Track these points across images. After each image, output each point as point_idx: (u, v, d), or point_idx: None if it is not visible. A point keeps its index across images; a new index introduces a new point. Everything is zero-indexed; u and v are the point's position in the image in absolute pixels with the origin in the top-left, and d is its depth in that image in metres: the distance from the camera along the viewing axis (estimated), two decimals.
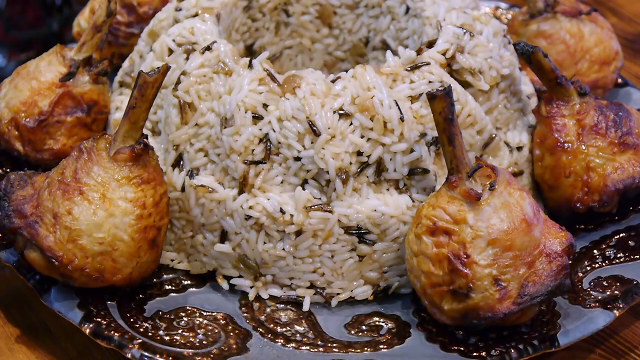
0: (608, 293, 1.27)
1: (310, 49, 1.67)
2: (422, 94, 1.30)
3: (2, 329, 1.32)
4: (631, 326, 1.32)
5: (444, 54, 1.35)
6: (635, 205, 1.44)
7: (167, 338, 1.21)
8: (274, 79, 1.29)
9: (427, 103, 1.25)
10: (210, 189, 1.31)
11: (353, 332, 1.26)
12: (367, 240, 1.29)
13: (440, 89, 1.23)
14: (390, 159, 1.28)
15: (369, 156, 1.27)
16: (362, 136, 1.27)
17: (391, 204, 1.28)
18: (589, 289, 1.29)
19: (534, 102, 1.53)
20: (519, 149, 1.44)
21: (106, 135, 1.27)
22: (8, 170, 1.52)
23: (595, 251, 1.37)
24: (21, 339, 1.30)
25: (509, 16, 1.91)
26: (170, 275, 1.35)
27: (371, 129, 1.27)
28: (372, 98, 1.27)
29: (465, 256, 1.15)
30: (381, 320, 1.28)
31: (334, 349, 1.22)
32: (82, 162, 1.24)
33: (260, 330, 1.25)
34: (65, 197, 1.22)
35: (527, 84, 1.57)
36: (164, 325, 1.24)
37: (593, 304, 1.25)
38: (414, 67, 1.33)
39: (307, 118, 1.26)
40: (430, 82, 1.32)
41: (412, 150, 1.28)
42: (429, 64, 1.33)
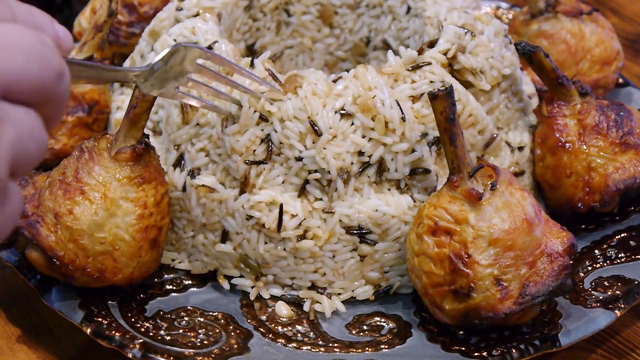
0: (609, 293, 1.27)
1: (311, 49, 1.67)
2: (424, 93, 1.30)
3: (3, 328, 1.32)
4: (632, 326, 1.32)
5: (445, 54, 1.35)
6: (637, 205, 1.44)
7: (168, 338, 1.21)
8: (275, 78, 1.29)
9: (429, 103, 1.25)
10: (211, 189, 1.31)
11: (354, 332, 1.26)
12: (368, 240, 1.29)
13: (441, 88, 1.23)
14: (392, 159, 1.28)
15: (370, 156, 1.27)
16: (364, 136, 1.27)
17: (392, 204, 1.28)
18: (590, 289, 1.28)
19: (535, 102, 1.53)
20: (520, 149, 1.44)
21: (107, 135, 1.27)
22: None
23: (596, 251, 1.37)
24: (22, 338, 1.30)
25: (510, 16, 1.91)
26: (171, 275, 1.35)
27: (372, 129, 1.27)
28: (374, 98, 1.26)
29: (466, 256, 1.15)
30: (382, 320, 1.28)
31: (335, 349, 1.22)
32: (83, 162, 1.24)
33: (261, 330, 1.25)
34: (67, 197, 1.22)
35: (528, 84, 1.57)
36: (165, 325, 1.24)
37: (594, 304, 1.25)
38: (415, 67, 1.33)
39: (309, 118, 1.26)
40: (431, 82, 1.32)
41: (414, 150, 1.28)
42: (430, 63, 1.33)
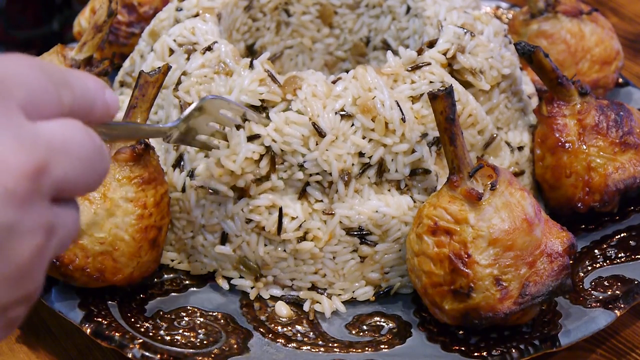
0: (609, 293, 1.27)
1: (311, 49, 1.67)
2: (423, 94, 1.30)
3: None
4: (632, 326, 1.32)
5: (444, 54, 1.35)
6: (637, 205, 1.44)
7: (168, 338, 1.21)
8: (274, 79, 1.29)
9: (428, 103, 1.25)
10: (210, 191, 1.31)
11: (354, 332, 1.26)
12: (369, 241, 1.29)
13: (441, 89, 1.23)
14: (392, 160, 1.28)
15: (370, 157, 1.27)
16: (364, 137, 1.27)
17: (392, 204, 1.28)
18: (590, 289, 1.28)
19: (534, 102, 1.53)
20: (520, 148, 1.44)
21: None
22: None
23: (596, 251, 1.37)
24: (22, 338, 1.30)
25: (510, 16, 1.91)
26: (171, 275, 1.35)
27: (372, 130, 1.26)
28: (374, 99, 1.26)
29: (466, 256, 1.15)
30: (382, 320, 1.28)
31: (335, 349, 1.22)
32: None
33: (261, 330, 1.25)
34: None
35: (528, 84, 1.57)
36: (165, 325, 1.24)
37: (594, 304, 1.25)
38: (415, 67, 1.33)
39: (310, 119, 1.26)
40: (431, 82, 1.31)
41: (414, 151, 1.28)
42: (429, 64, 1.33)
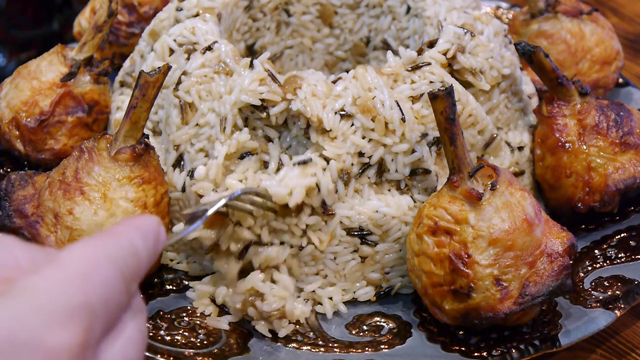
0: (609, 293, 1.27)
1: (311, 49, 1.67)
2: (423, 94, 1.30)
3: None
4: (632, 326, 1.32)
5: (445, 54, 1.35)
6: (637, 205, 1.44)
7: (168, 338, 1.21)
8: (274, 79, 1.29)
9: (428, 103, 1.25)
10: None
11: (354, 332, 1.26)
12: (369, 242, 1.29)
13: (441, 89, 1.23)
14: (392, 160, 1.28)
15: (370, 157, 1.27)
16: (364, 137, 1.27)
17: (393, 204, 1.28)
18: (590, 289, 1.28)
19: (534, 102, 1.53)
20: (520, 148, 1.44)
21: (107, 135, 1.27)
22: (9, 170, 1.51)
23: (596, 251, 1.37)
24: None
25: (510, 16, 1.91)
26: (171, 275, 1.35)
27: (372, 130, 1.26)
28: (374, 99, 1.26)
29: (466, 256, 1.15)
30: (382, 320, 1.28)
31: (335, 349, 1.21)
32: (83, 162, 1.24)
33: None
34: (66, 197, 1.22)
35: (528, 84, 1.57)
36: (165, 325, 1.24)
37: (594, 304, 1.25)
38: (415, 67, 1.33)
39: (309, 119, 1.26)
40: (431, 82, 1.31)
41: (414, 151, 1.28)
42: (430, 64, 1.33)
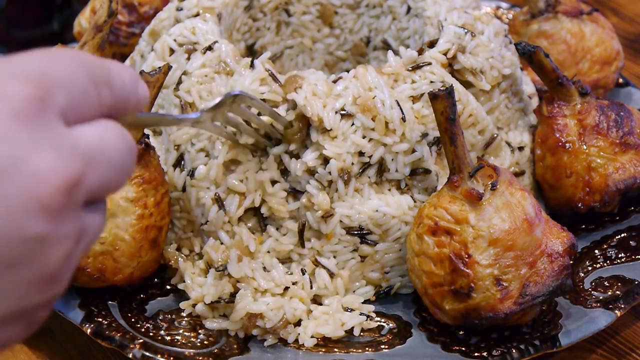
0: (609, 293, 1.27)
1: (311, 49, 1.67)
2: (424, 94, 1.30)
3: None
4: (632, 326, 1.32)
5: (445, 54, 1.35)
6: (637, 205, 1.44)
7: (169, 338, 1.21)
8: (275, 79, 1.29)
9: (429, 103, 1.25)
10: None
11: (354, 332, 1.26)
12: (369, 241, 1.29)
13: (442, 89, 1.23)
14: (392, 159, 1.28)
15: (370, 156, 1.27)
16: (364, 136, 1.27)
17: (393, 204, 1.28)
18: (590, 289, 1.28)
19: (535, 102, 1.53)
20: (521, 149, 1.44)
21: None
22: None
23: (596, 251, 1.37)
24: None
25: (510, 16, 1.91)
26: (172, 275, 1.35)
27: (373, 129, 1.26)
28: (374, 98, 1.26)
29: (466, 256, 1.15)
30: (382, 320, 1.28)
31: (335, 349, 1.21)
32: None
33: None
34: None
35: (529, 84, 1.57)
36: (165, 325, 1.24)
37: (594, 304, 1.25)
38: (416, 67, 1.33)
39: (310, 119, 1.26)
40: (431, 82, 1.31)
41: (414, 151, 1.28)
42: (430, 64, 1.33)
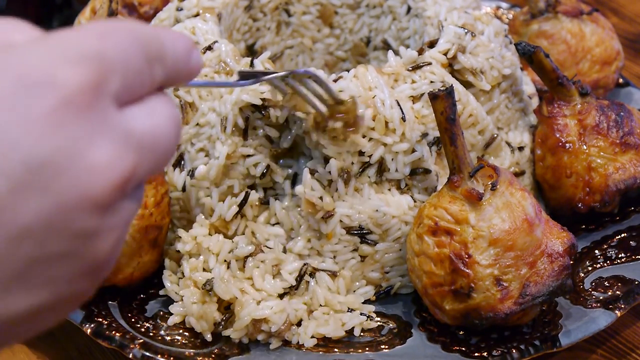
0: (609, 293, 1.27)
1: (312, 49, 1.67)
2: (424, 94, 1.30)
3: None
4: (633, 326, 1.32)
5: (445, 54, 1.35)
6: (637, 206, 1.44)
7: (169, 338, 1.21)
8: None
9: (429, 103, 1.25)
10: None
11: (354, 332, 1.25)
12: (369, 241, 1.29)
13: (442, 89, 1.23)
14: (392, 159, 1.28)
15: (370, 156, 1.27)
16: (364, 136, 1.27)
17: (393, 204, 1.28)
18: (590, 289, 1.28)
19: (535, 102, 1.53)
20: (521, 149, 1.43)
21: None
22: None
23: (596, 251, 1.36)
24: None
25: (510, 16, 1.91)
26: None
27: (373, 129, 1.26)
28: (374, 98, 1.26)
29: (466, 256, 1.15)
30: (382, 320, 1.28)
31: (335, 349, 1.21)
32: None
33: None
34: None
35: (529, 84, 1.57)
36: (165, 325, 1.24)
37: (594, 304, 1.25)
38: (416, 67, 1.33)
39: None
40: (431, 82, 1.31)
41: (414, 151, 1.28)
42: (430, 64, 1.33)
